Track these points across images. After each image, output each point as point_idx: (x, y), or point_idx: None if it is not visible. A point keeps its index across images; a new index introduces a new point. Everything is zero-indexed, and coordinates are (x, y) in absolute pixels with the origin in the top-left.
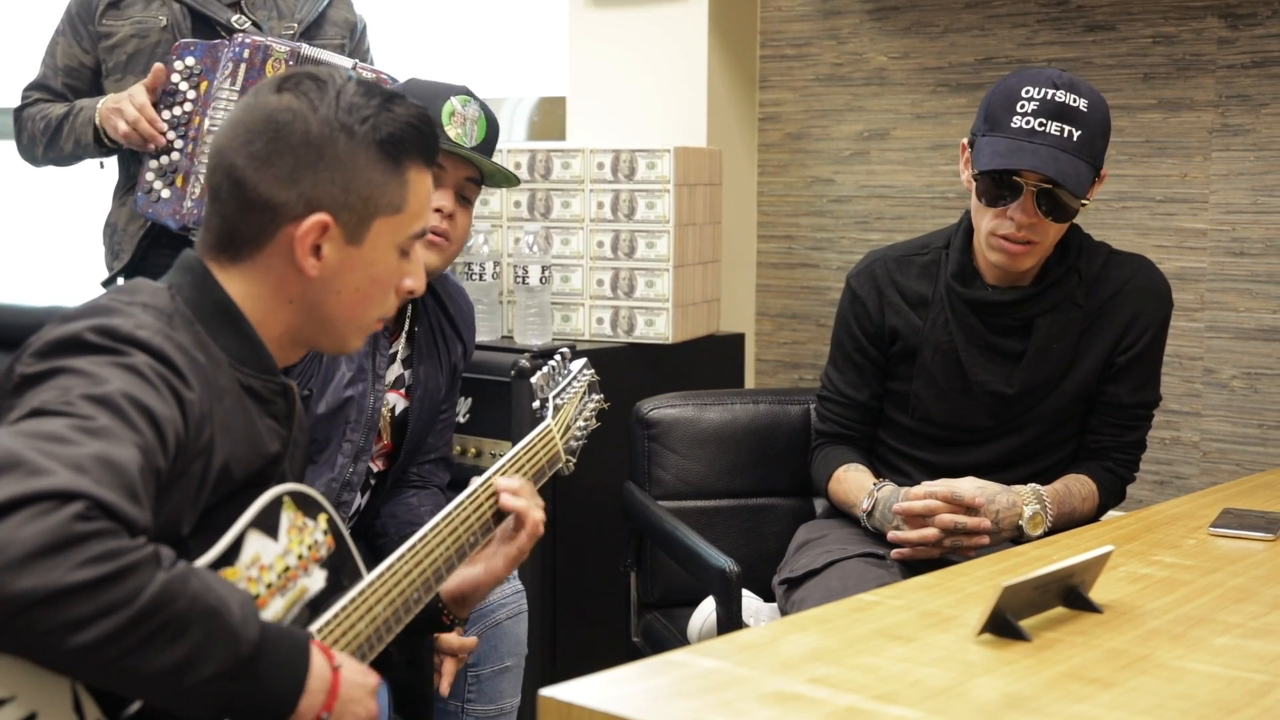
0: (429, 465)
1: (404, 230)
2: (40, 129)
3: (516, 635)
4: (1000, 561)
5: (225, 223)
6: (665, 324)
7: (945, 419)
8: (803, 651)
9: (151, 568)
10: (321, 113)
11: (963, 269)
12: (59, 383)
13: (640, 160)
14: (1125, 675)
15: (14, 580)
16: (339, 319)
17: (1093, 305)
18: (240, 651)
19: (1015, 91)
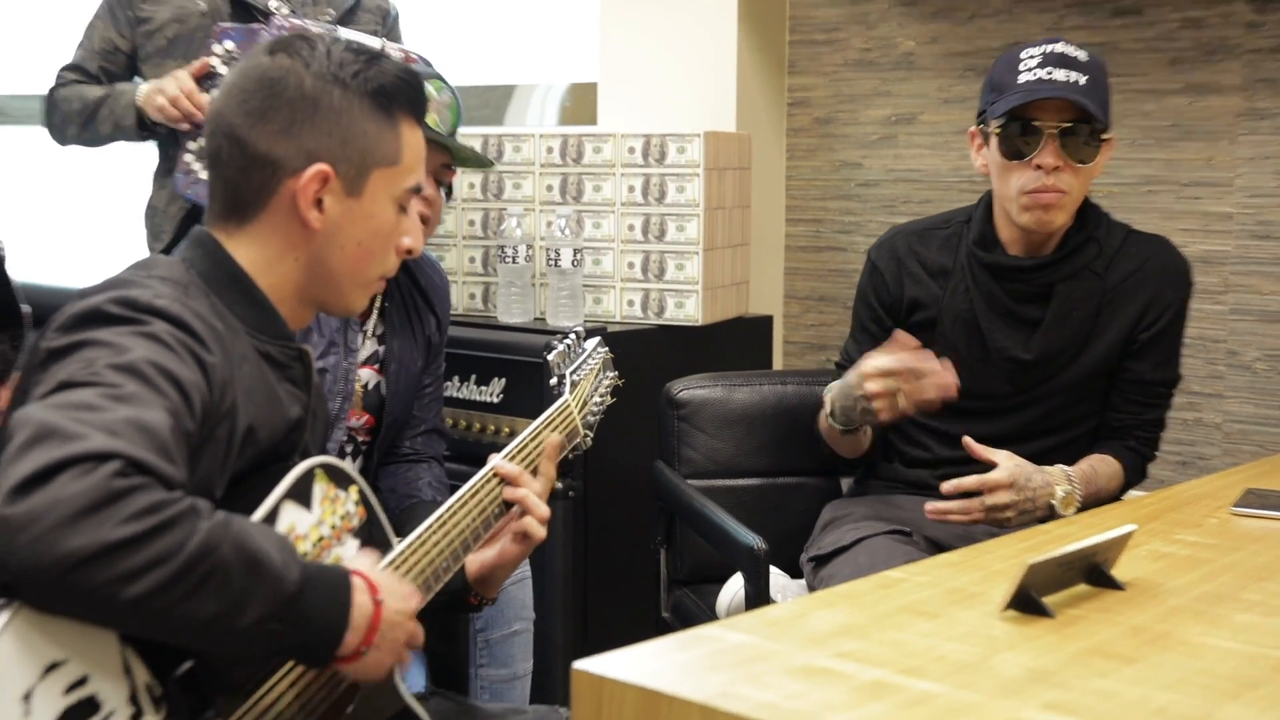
0: (421, 438)
1: (400, 183)
2: (76, 109)
3: (522, 600)
4: (1024, 540)
5: (228, 185)
6: (695, 306)
7: (965, 386)
8: (830, 627)
9: (193, 518)
10: (314, 68)
11: (984, 236)
12: (84, 354)
13: (670, 145)
14: (1147, 651)
15: (64, 540)
16: (343, 274)
17: (1113, 280)
18: (284, 591)
19: (1015, 56)
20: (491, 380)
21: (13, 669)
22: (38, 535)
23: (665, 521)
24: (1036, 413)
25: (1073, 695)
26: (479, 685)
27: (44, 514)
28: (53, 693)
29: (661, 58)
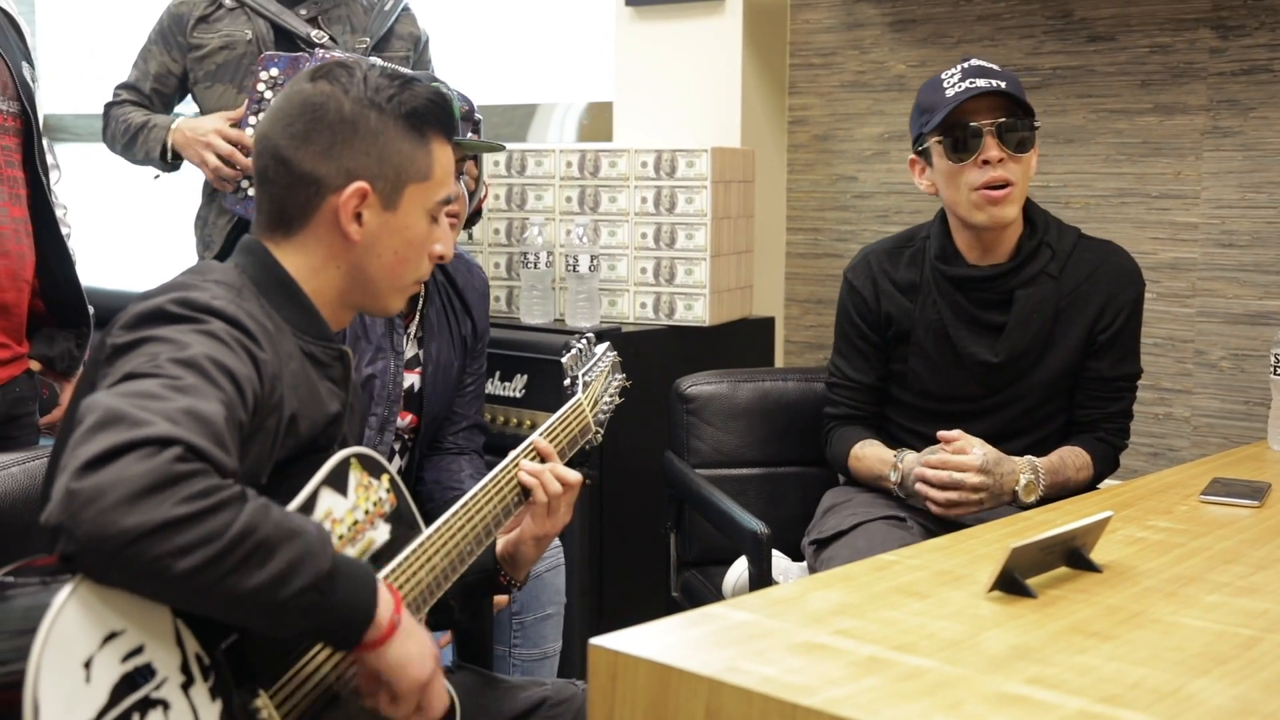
0: (464, 433)
1: (432, 196)
2: (121, 130)
3: (556, 585)
4: (1008, 526)
5: (275, 202)
6: (702, 308)
7: (940, 390)
8: (828, 606)
9: (239, 503)
10: (352, 94)
11: (944, 250)
12: (147, 349)
13: (680, 159)
14: (1123, 629)
15: (125, 515)
16: (381, 280)
17: (1068, 284)
18: (322, 566)
19: (936, 80)
20: (514, 376)
21: (75, 637)
22: (102, 509)
23: (675, 508)
24: (1008, 414)
25: (1054, 670)
26: (511, 664)
27: (109, 490)
28: (111, 660)
29: (672, 79)
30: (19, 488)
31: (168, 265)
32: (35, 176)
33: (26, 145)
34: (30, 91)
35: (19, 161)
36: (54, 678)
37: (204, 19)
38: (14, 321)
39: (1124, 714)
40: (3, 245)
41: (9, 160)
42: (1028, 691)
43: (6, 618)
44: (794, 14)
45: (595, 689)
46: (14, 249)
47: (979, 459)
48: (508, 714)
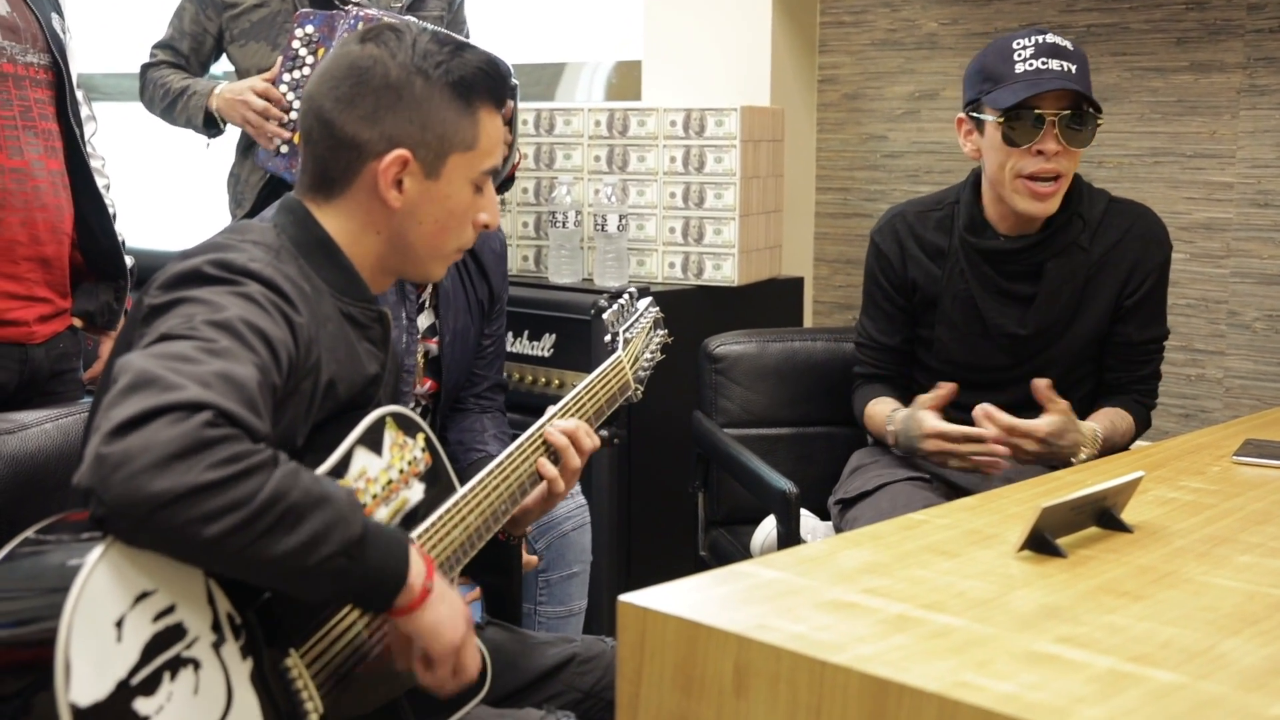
0: (485, 393)
1: (477, 166)
2: (160, 95)
3: (581, 544)
4: (1038, 485)
5: (318, 163)
6: (731, 268)
7: (967, 360)
8: (857, 565)
9: (269, 468)
10: (399, 59)
11: (973, 221)
12: (183, 310)
13: (709, 118)
14: (1154, 589)
15: (153, 480)
16: (421, 248)
17: (1097, 251)
18: (351, 533)
19: (1006, 46)
20: (543, 336)
21: (106, 597)
22: (131, 474)
23: (703, 467)
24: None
25: (1084, 629)
26: (537, 621)
27: (138, 454)
28: (143, 620)
29: (701, 37)
30: (53, 445)
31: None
32: (70, 129)
33: (60, 98)
34: (61, 43)
35: (53, 114)
36: (85, 636)
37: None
38: (56, 275)
39: (1154, 673)
40: (40, 198)
41: (43, 113)
42: (1057, 650)
43: (39, 575)
44: None
45: (624, 645)
46: (52, 202)
47: (1046, 427)
48: (536, 670)
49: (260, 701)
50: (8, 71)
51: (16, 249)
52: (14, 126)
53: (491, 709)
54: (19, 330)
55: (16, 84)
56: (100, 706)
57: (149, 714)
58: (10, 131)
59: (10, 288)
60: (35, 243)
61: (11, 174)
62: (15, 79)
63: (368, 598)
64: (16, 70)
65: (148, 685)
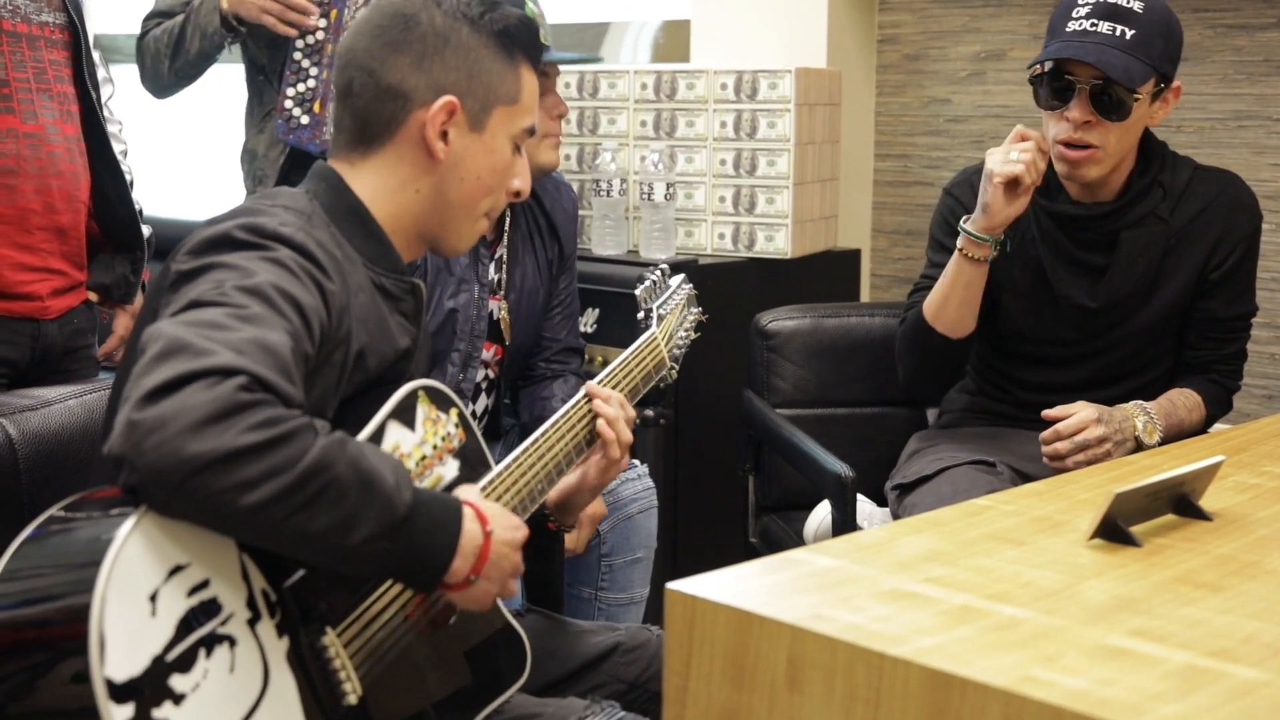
0: (558, 356)
1: (518, 122)
2: (165, 43)
3: (647, 528)
4: (1110, 470)
5: (358, 116)
6: (784, 239)
7: (1032, 332)
8: (918, 552)
9: (310, 434)
10: (444, 6)
11: (1048, 183)
12: (213, 276)
13: (762, 81)
14: (1234, 580)
15: (188, 444)
16: (459, 206)
17: (1179, 221)
18: (395, 514)
19: (1072, 1)
20: (586, 310)
21: (140, 570)
22: (165, 439)
23: (754, 449)
24: (1110, 359)
25: (1159, 622)
26: (597, 607)
27: (171, 419)
28: (177, 594)
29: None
30: (76, 422)
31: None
32: (86, 92)
33: (76, 59)
34: (78, 1)
35: (69, 76)
36: (119, 610)
37: None
38: (72, 245)
39: (1235, 669)
40: (55, 165)
41: (58, 75)
42: (1131, 644)
43: (69, 551)
44: None
45: (672, 635)
46: (67, 169)
47: (1093, 410)
48: (578, 660)
49: (297, 681)
50: (21, 31)
51: (30, 218)
52: (28, 89)
53: (533, 698)
54: (32, 305)
55: (30, 44)
56: (135, 682)
57: (185, 692)
58: (24, 94)
59: (24, 258)
60: (50, 211)
61: (25, 139)
62: (29, 39)
63: (407, 580)
64: (30, 30)
65: (183, 662)
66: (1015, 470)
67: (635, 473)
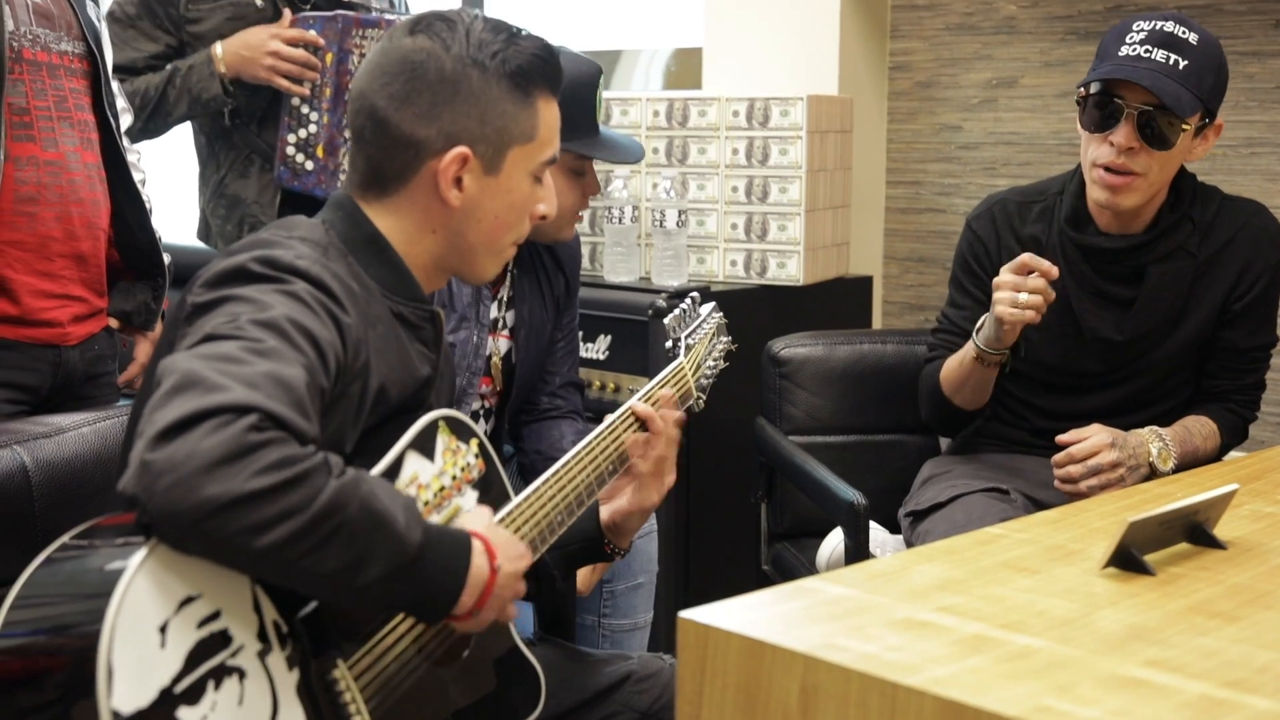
0: (560, 392)
1: (536, 157)
2: (136, 105)
3: (648, 553)
4: (1124, 498)
5: (371, 162)
6: (796, 266)
7: (1057, 363)
8: (931, 581)
9: (324, 474)
10: (454, 51)
11: (1076, 214)
12: (228, 309)
13: (774, 108)
14: (1250, 610)
15: (200, 488)
16: (479, 245)
17: (1206, 253)
18: (405, 555)
19: (1127, 25)
20: (598, 337)
21: (150, 601)
22: (176, 482)
23: (766, 477)
24: (1131, 388)
25: (1174, 652)
26: (600, 634)
27: (183, 462)
28: (187, 625)
29: (765, 22)
30: (90, 449)
31: None
32: (106, 120)
33: (95, 88)
34: (96, 31)
35: (89, 105)
36: (128, 642)
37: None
38: (93, 273)
39: (1251, 700)
40: (76, 192)
41: (78, 103)
42: (1146, 674)
43: (79, 580)
44: None
45: (684, 664)
46: (88, 196)
47: (1107, 435)
48: (591, 689)
49: (306, 714)
50: (42, 60)
51: (51, 245)
52: (49, 117)
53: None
54: (53, 331)
55: (51, 73)
56: (142, 714)
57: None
58: (45, 122)
59: (44, 286)
60: (71, 239)
61: (46, 167)
62: (50, 68)
63: (417, 614)
64: (51, 59)
65: (191, 694)
66: (1028, 497)
67: None
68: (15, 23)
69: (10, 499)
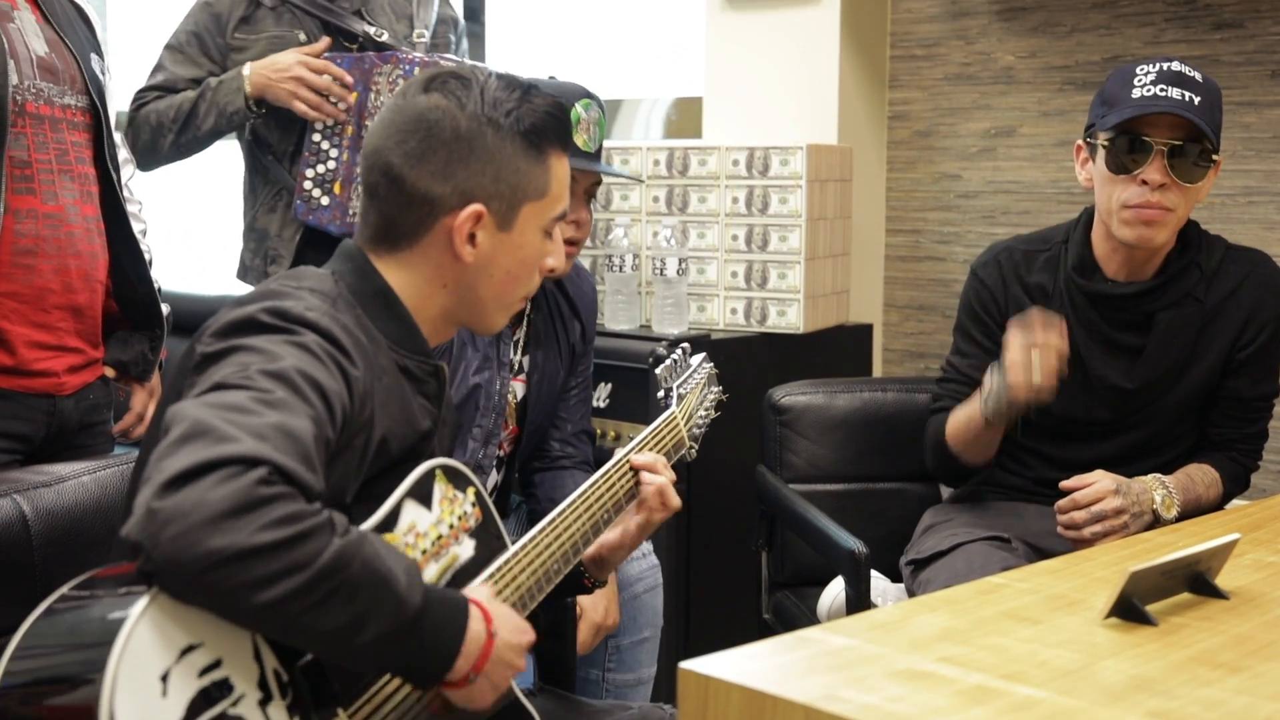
0: (571, 440)
1: (548, 213)
2: (170, 117)
3: (654, 607)
4: (1126, 547)
5: (384, 218)
6: (796, 314)
7: (1064, 412)
8: (932, 631)
9: (328, 533)
10: (469, 109)
11: (1083, 262)
12: (238, 359)
13: (774, 157)
14: (1253, 660)
15: (205, 539)
16: (489, 299)
17: (1212, 301)
18: (404, 616)
19: (1130, 70)
20: (599, 385)
21: (152, 650)
22: (182, 531)
23: (767, 525)
24: (1137, 436)
25: (1177, 703)
26: (604, 688)
27: (190, 512)
28: (189, 674)
29: (765, 73)
30: (90, 498)
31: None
32: (107, 172)
33: (98, 141)
34: (100, 85)
35: (90, 158)
36: (130, 691)
37: (245, 19)
38: (88, 324)
39: None
40: (74, 245)
41: (80, 156)
42: None
43: (83, 629)
44: (895, 2)
45: (685, 715)
46: (86, 249)
47: (1111, 481)
48: None
49: None
50: (45, 114)
51: (48, 297)
52: (50, 170)
53: None
54: (48, 381)
55: (53, 127)
56: None
57: None
58: (45, 175)
59: (40, 337)
60: (68, 291)
61: (45, 219)
62: (52, 121)
63: (410, 677)
64: (54, 112)
65: None
66: (1030, 545)
67: (640, 551)
68: (20, 76)
69: (9, 548)
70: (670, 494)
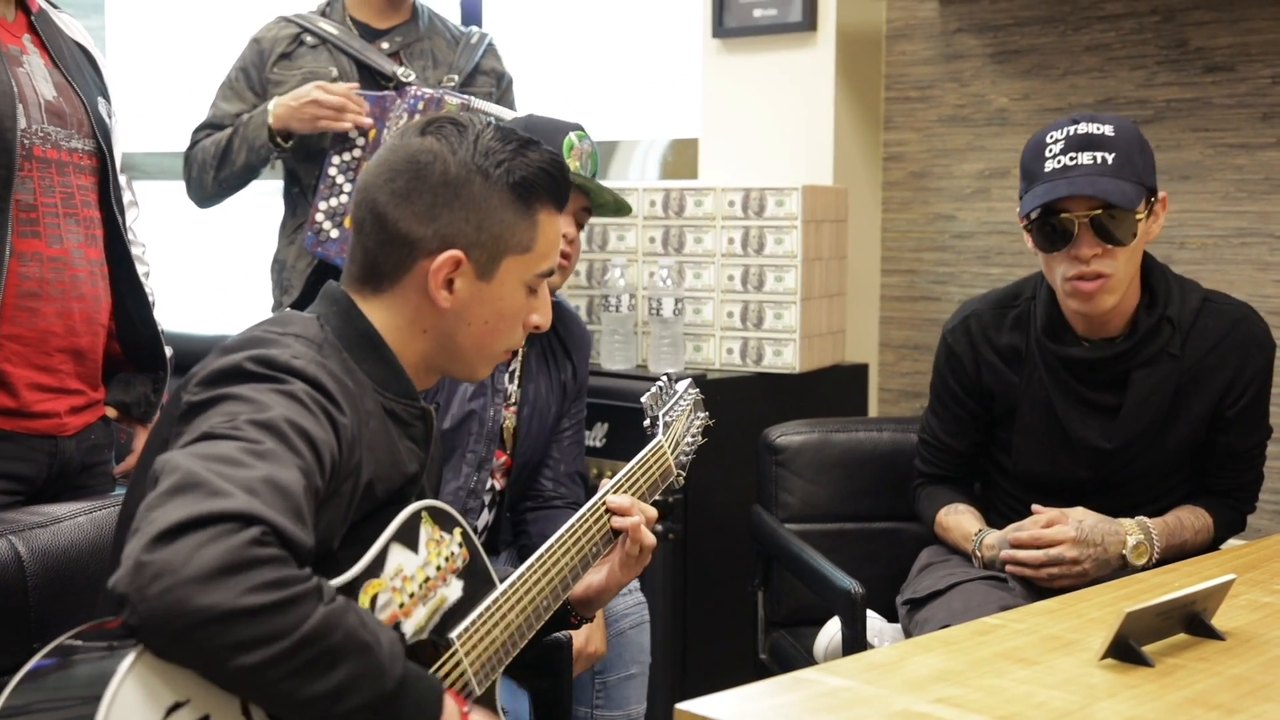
0: (565, 480)
1: (531, 269)
2: (211, 154)
3: (640, 644)
4: (1122, 588)
5: (367, 255)
6: (792, 354)
7: (1047, 471)
8: (928, 672)
9: (314, 600)
10: (460, 155)
11: (1051, 322)
12: (226, 408)
13: (769, 198)
14: (1249, 702)
15: (193, 596)
16: (468, 349)
17: (1191, 356)
18: (385, 688)
19: (1040, 141)
20: (595, 425)
21: (139, 707)
22: (169, 587)
23: (763, 565)
24: (1124, 493)
25: None
26: None
27: (179, 568)
28: None
29: (761, 114)
30: (86, 539)
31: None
32: (111, 216)
33: (103, 184)
34: (106, 128)
35: (95, 201)
36: None
37: (285, 55)
38: (89, 367)
39: None
40: (78, 288)
41: (85, 200)
42: None
43: (70, 685)
44: (889, 45)
45: None
46: (89, 292)
47: (1073, 529)
48: None
49: None
50: (51, 158)
51: (50, 340)
52: (54, 214)
53: None
54: (49, 422)
55: (59, 170)
56: None
57: None
58: (51, 219)
59: (42, 379)
60: (70, 334)
61: (50, 263)
62: (59, 165)
63: None
64: (60, 156)
65: None
66: (1025, 584)
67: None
68: (28, 120)
69: (4, 589)
70: (642, 533)
